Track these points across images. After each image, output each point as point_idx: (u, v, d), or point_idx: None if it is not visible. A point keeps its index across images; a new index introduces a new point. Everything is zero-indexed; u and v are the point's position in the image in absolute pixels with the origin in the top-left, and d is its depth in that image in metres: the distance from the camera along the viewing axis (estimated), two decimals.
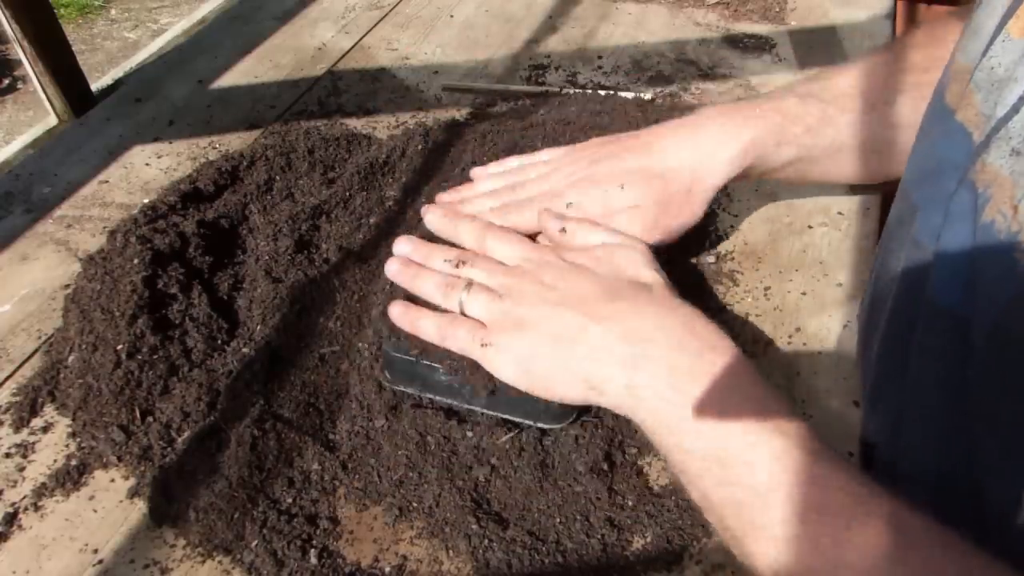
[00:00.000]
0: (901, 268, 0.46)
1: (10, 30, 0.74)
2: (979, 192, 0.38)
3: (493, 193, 0.58)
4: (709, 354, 0.42)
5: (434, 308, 0.50)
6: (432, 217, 0.55)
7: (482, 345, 0.46)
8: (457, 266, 0.51)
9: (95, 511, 0.46)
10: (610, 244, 0.51)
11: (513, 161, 0.61)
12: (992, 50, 0.39)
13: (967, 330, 0.39)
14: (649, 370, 0.42)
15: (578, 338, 0.45)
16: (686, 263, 0.59)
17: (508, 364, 0.46)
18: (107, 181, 0.70)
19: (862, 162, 0.57)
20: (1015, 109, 0.36)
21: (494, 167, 0.61)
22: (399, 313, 0.50)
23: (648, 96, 0.75)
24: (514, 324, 0.46)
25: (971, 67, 0.41)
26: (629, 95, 0.75)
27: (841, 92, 0.56)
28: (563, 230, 0.52)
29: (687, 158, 0.54)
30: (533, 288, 0.48)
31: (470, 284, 0.49)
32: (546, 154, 0.60)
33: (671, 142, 0.55)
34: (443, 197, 0.60)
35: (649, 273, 0.48)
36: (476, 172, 0.61)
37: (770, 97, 0.57)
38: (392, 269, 0.53)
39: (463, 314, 0.49)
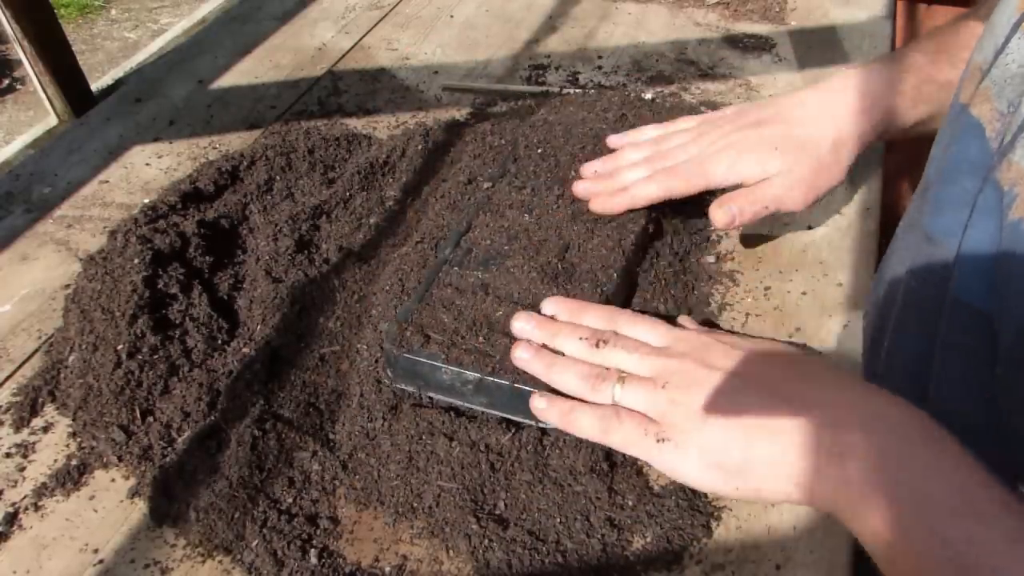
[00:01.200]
0: (913, 263, 0.46)
1: (10, 30, 0.74)
2: (1004, 191, 0.38)
3: (642, 162, 0.58)
4: (942, 449, 0.36)
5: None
6: (550, 304, 0.50)
7: (658, 440, 0.41)
8: (597, 345, 0.46)
9: (95, 511, 0.46)
10: (754, 339, 0.48)
11: (653, 130, 0.61)
12: (1008, 48, 0.39)
13: (993, 327, 0.39)
14: (872, 462, 0.36)
15: (779, 427, 0.39)
16: (686, 263, 0.59)
17: (692, 460, 0.40)
18: (107, 181, 0.70)
19: None
20: None
21: (634, 135, 0.61)
22: (545, 406, 0.45)
23: (648, 96, 0.75)
24: (693, 415, 0.41)
25: (985, 65, 0.41)
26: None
27: (962, 46, 0.55)
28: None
29: (828, 128, 0.55)
30: (702, 372, 0.42)
31: (622, 377, 0.44)
32: (686, 122, 0.61)
33: (812, 112, 0.57)
34: (590, 168, 0.59)
35: (818, 357, 0.45)
36: (614, 141, 0.61)
37: (900, 56, 0.58)
38: (523, 357, 0.46)
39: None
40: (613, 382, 0.44)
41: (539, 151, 0.63)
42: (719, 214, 0.54)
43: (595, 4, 0.93)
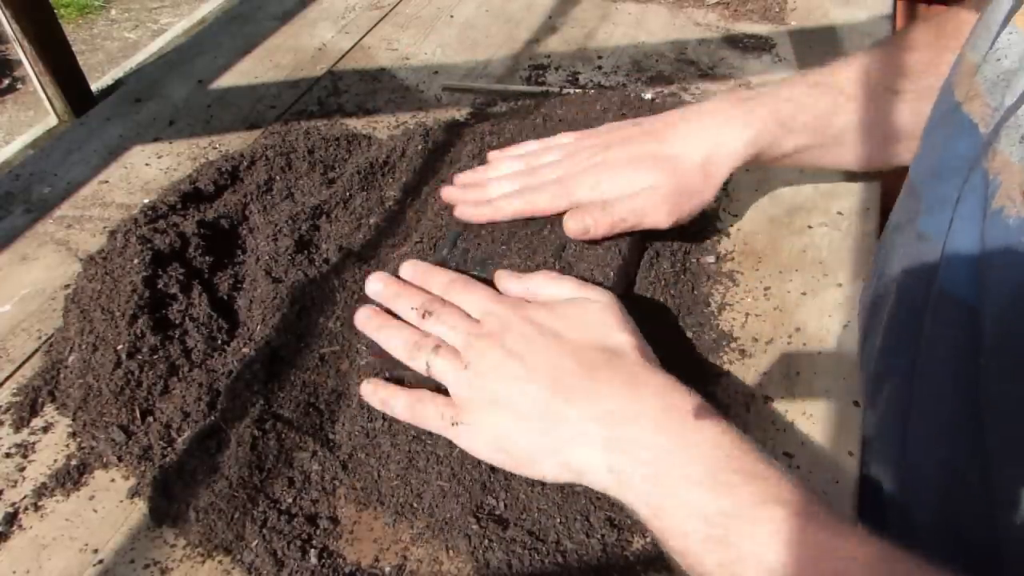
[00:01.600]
0: (906, 261, 0.46)
1: (10, 30, 0.74)
2: (990, 180, 0.38)
3: (511, 176, 0.59)
4: (694, 432, 0.41)
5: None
6: (407, 268, 0.53)
7: (453, 424, 0.45)
8: (423, 316, 0.49)
9: (95, 511, 0.46)
10: (578, 299, 0.48)
11: (532, 145, 0.62)
12: (999, 43, 0.39)
13: (977, 319, 0.39)
14: (632, 453, 0.41)
15: (554, 420, 0.43)
16: (686, 263, 0.59)
17: (482, 444, 0.44)
18: (107, 181, 0.70)
19: (869, 149, 0.58)
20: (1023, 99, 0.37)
21: (513, 150, 0.62)
22: (370, 390, 0.48)
23: (648, 96, 0.75)
24: (483, 402, 0.45)
25: (978, 62, 0.41)
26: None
27: (850, 80, 0.57)
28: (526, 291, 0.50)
29: (699, 146, 0.55)
30: (497, 357, 0.45)
31: (438, 346, 0.47)
32: (564, 137, 0.61)
33: (683, 130, 0.56)
34: (461, 179, 0.61)
35: (621, 336, 0.46)
36: (494, 155, 0.62)
37: (781, 84, 0.58)
38: (361, 318, 0.51)
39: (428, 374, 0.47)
40: (428, 351, 0.47)
41: None
42: (570, 224, 0.54)
43: (595, 4, 0.93)
